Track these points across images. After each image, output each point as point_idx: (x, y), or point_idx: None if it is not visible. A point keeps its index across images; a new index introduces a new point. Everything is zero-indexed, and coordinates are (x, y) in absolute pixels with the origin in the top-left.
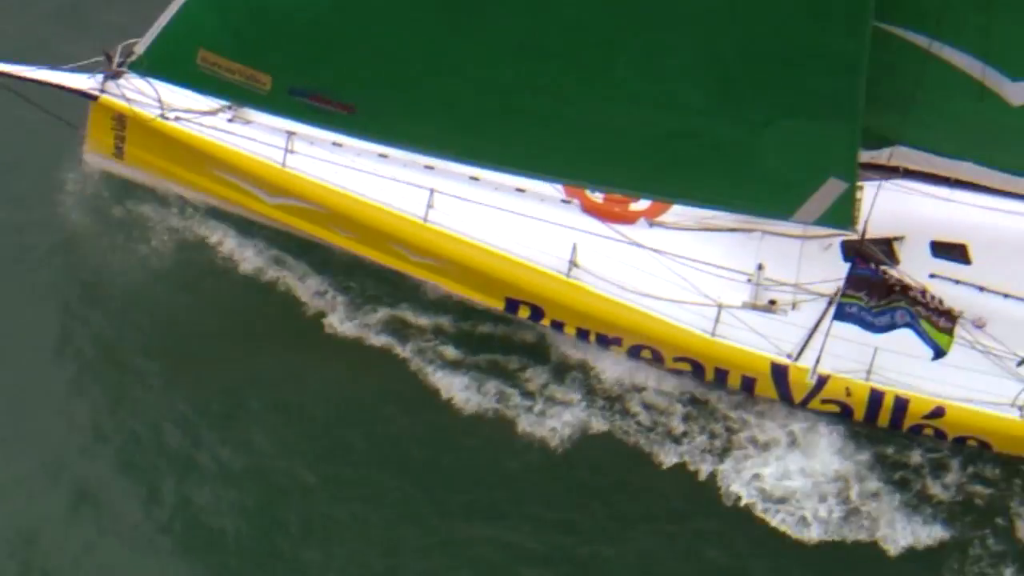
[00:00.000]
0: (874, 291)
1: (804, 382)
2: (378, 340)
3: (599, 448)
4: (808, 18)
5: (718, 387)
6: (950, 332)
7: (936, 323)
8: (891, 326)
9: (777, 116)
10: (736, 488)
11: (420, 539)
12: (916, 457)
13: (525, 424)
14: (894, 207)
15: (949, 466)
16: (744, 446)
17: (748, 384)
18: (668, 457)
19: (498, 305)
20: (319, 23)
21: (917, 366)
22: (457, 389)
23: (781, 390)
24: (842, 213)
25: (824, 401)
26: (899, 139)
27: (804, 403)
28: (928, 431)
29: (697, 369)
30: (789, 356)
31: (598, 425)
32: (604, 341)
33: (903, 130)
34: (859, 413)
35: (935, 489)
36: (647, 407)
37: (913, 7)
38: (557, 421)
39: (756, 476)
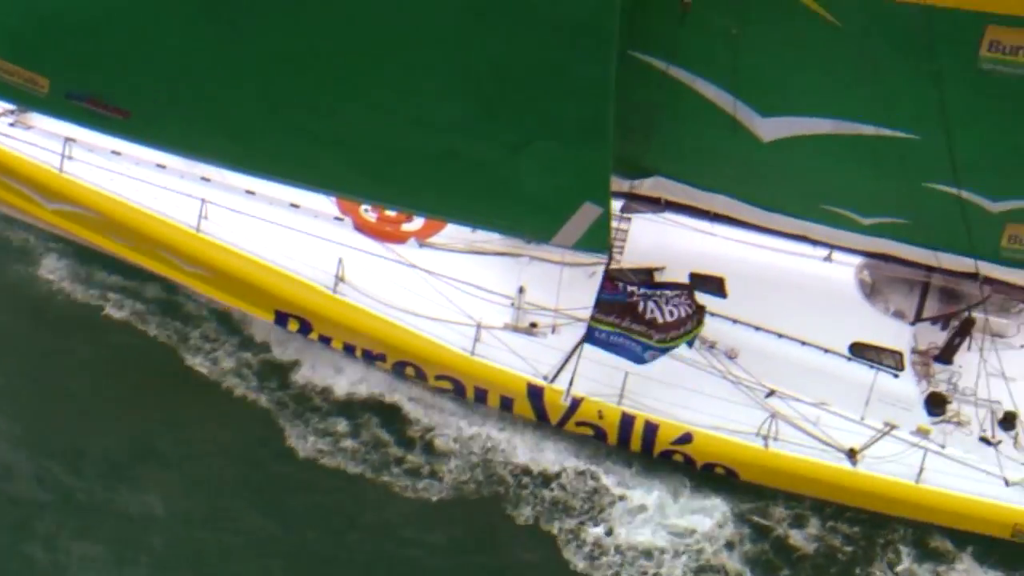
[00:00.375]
0: (623, 315)
1: (559, 403)
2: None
3: None
4: (556, 43)
5: (480, 405)
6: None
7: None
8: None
9: (531, 139)
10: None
11: None
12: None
13: None
14: (658, 238)
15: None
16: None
17: (507, 403)
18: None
19: (268, 318)
20: (91, 26)
21: (669, 392)
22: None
23: (538, 410)
24: (597, 238)
25: (579, 424)
26: (658, 170)
27: (561, 424)
28: (678, 457)
29: (458, 387)
30: (545, 378)
31: None
32: (370, 356)
33: (661, 162)
34: (612, 436)
35: (796, 540)
36: None
37: (664, 39)
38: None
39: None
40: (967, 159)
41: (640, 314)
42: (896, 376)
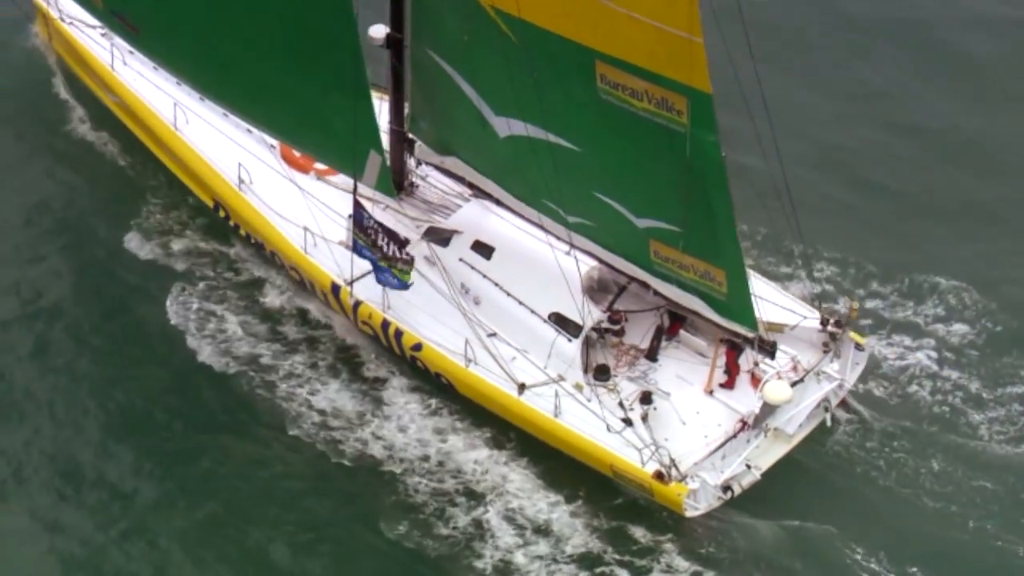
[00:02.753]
0: (370, 235)
1: (347, 301)
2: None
3: None
4: (317, 8)
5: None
6: (408, 270)
7: (397, 264)
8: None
9: (328, 89)
10: None
11: None
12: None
13: None
14: (468, 213)
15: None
16: None
17: (325, 296)
18: None
19: (210, 203)
20: None
21: (420, 313)
22: None
23: (338, 304)
24: (385, 184)
25: (362, 322)
26: (453, 152)
27: (355, 321)
28: (419, 363)
29: (301, 279)
30: (346, 281)
31: None
32: (257, 245)
33: (454, 145)
34: (380, 337)
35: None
36: None
37: (436, 37)
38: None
39: None
40: (612, 177)
41: (373, 239)
42: (570, 341)
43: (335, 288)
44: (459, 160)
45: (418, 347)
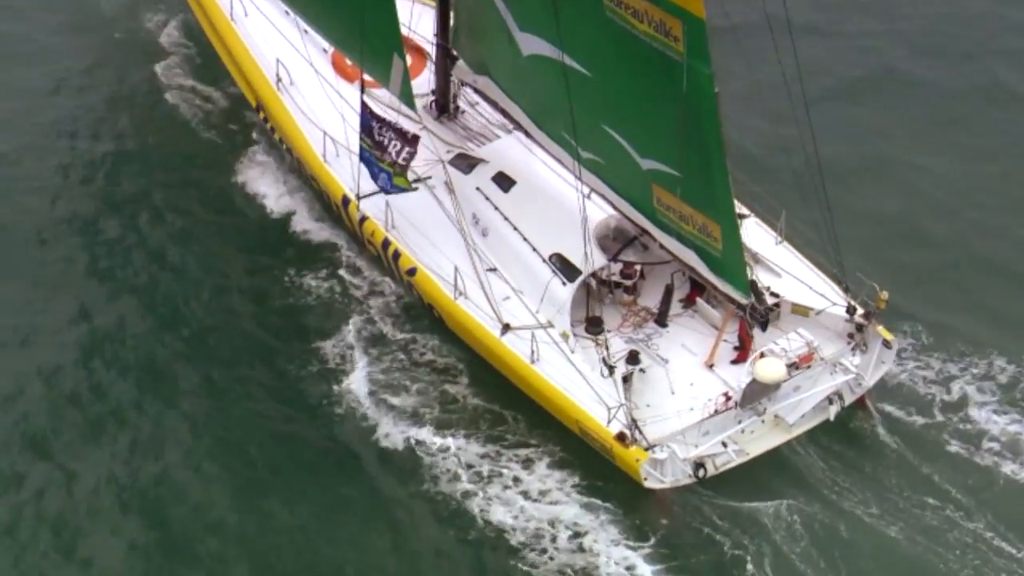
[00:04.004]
0: (373, 138)
1: (354, 214)
2: None
3: None
4: None
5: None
6: (404, 175)
7: (396, 169)
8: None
9: None
10: None
11: None
12: None
13: None
14: (502, 145)
15: None
16: None
17: (336, 208)
18: None
19: (253, 102)
20: None
21: (421, 236)
22: None
23: (346, 217)
24: (407, 93)
25: (367, 240)
26: (486, 70)
27: (359, 237)
28: (414, 289)
29: (316, 188)
30: (357, 196)
31: None
32: (280, 144)
33: (488, 63)
34: (380, 254)
35: None
36: None
37: None
38: None
39: None
40: (617, 106)
41: (379, 141)
42: (564, 284)
43: (345, 201)
44: (490, 80)
45: (412, 271)
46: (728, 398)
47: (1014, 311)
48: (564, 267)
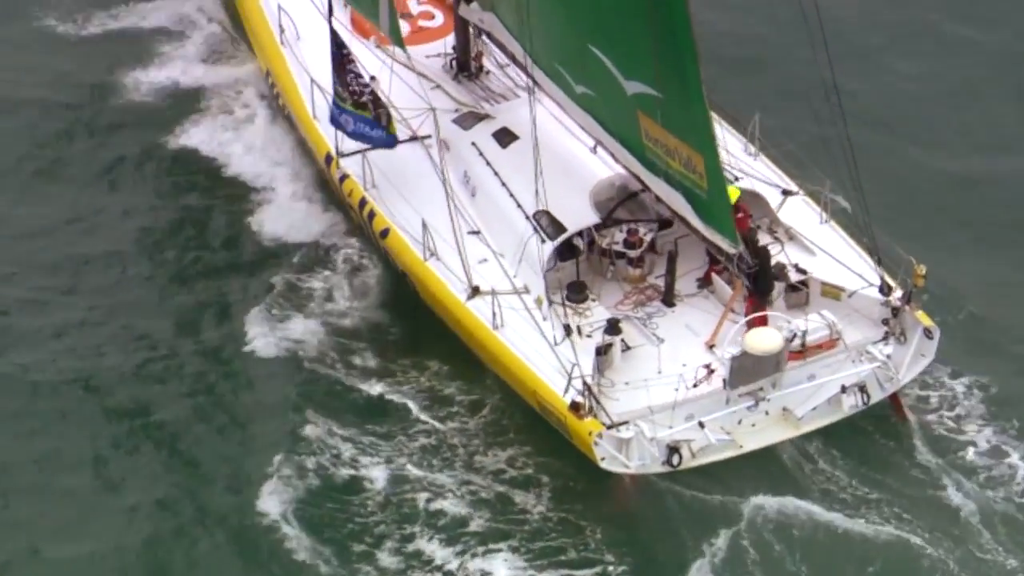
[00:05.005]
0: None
1: (335, 173)
2: None
3: None
4: None
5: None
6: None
7: (382, 117)
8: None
9: None
10: None
11: None
12: None
13: None
14: (515, 105)
15: None
16: None
17: (320, 164)
18: None
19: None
20: None
21: (400, 199)
22: None
23: (327, 175)
24: (395, 30)
25: (346, 198)
26: (491, 7)
27: (338, 196)
28: (381, 250)
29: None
30: (339, 153)
31: None
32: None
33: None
34: (353, 212)
35: None
36: None
37: None
38: None
39: None
40: (600, 19)
41: (346, 80)
42: (543, 242)
43: (328, 158)
44: (496, 18)
45: (385, 232)
46: (711, 371)
47: None
48: (548, 224)
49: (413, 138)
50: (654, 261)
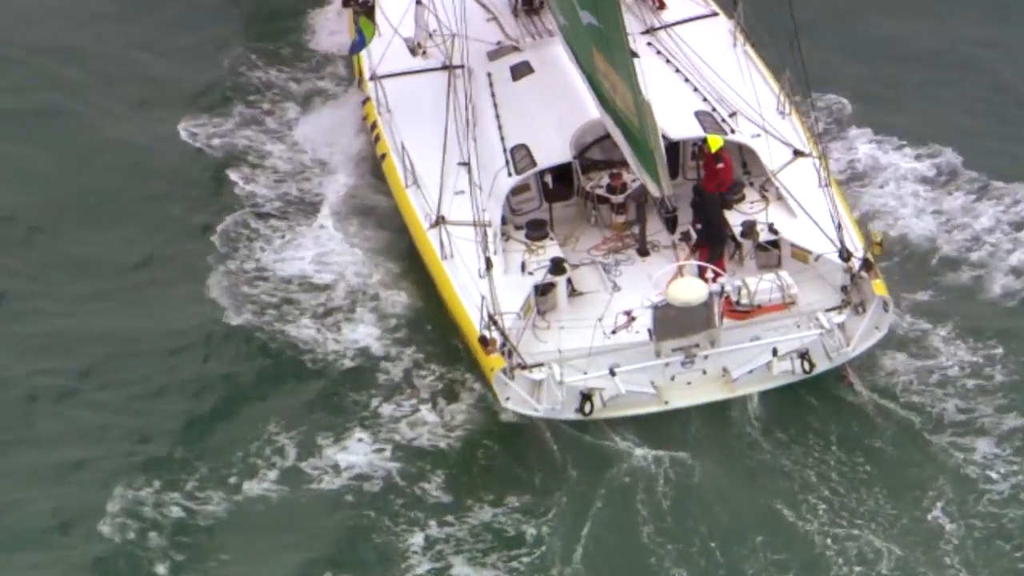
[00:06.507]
0: None
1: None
2: None
3: None
4: None
5: None
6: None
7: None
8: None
9: None
10: None
11: None
12: None
13: None
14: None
15: None
16: None
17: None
18: None
19: None
20: None
21: (407, 126)
22: None
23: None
24: None
25: (365, 119)
26: None
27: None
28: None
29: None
30: (373, 76)
31: None
32: None
33: None
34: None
35: None
36: None
37: None
38: None
39: None
40: None
41: None
42: (509, 175)
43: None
44: None
45: (383, 157)
46: (632, 318)
47: None
48: (521, 158)
49: (445, 67)
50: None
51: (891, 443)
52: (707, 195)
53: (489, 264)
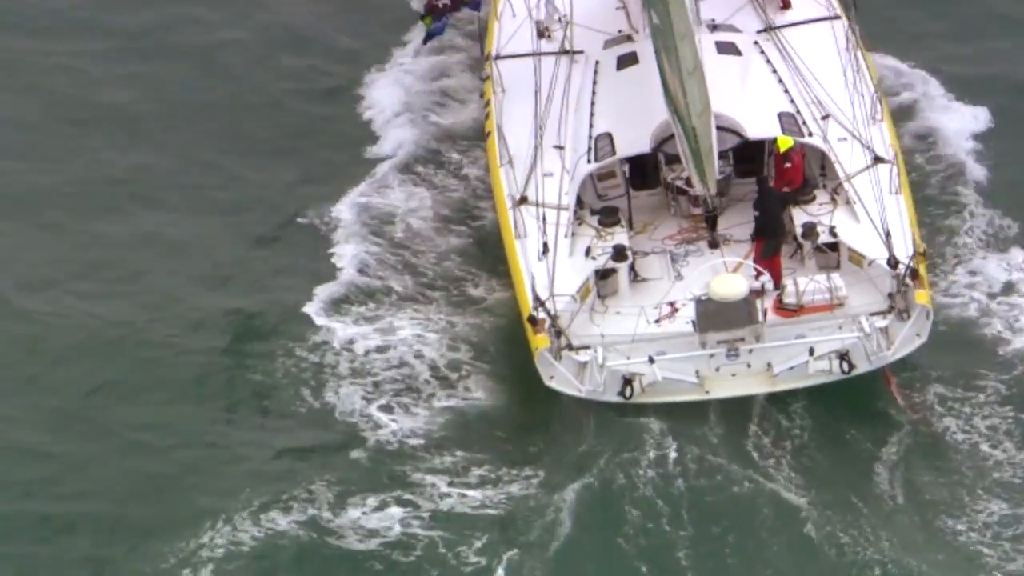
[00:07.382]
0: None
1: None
2: None
3: None
4: None
5: None
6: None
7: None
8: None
9: None
10: None
11: None
12: None
13: None
14: None
15: None
16: None
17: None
18: None
19: None
20: None
21: (516, 107)
22: None
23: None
24: None
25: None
26: None
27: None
28: None
29: None
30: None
31: None
32: None
33: None
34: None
35: None
36: None
37: None
38: None
39: None
40: None
41: None
42: (588, 162)
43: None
44: None
45: (488, 135)
46: (675, 309)
47: None
48: (603, 146)
49: (562, 52)
50: (722, 204)
51: (924, 459)
52: (769, 189)
53: (546, 248)
